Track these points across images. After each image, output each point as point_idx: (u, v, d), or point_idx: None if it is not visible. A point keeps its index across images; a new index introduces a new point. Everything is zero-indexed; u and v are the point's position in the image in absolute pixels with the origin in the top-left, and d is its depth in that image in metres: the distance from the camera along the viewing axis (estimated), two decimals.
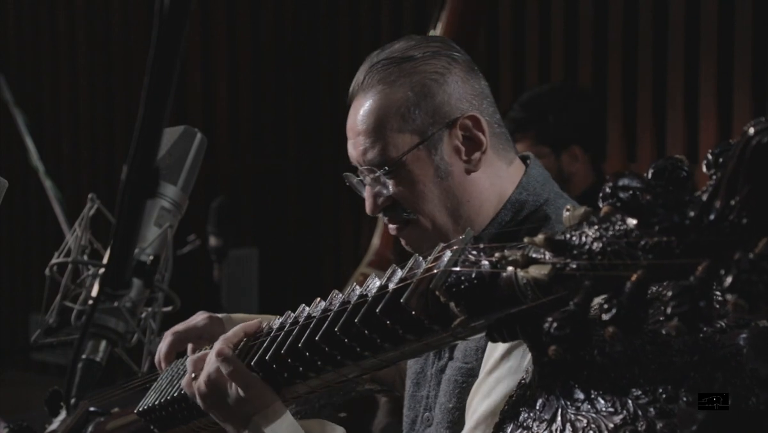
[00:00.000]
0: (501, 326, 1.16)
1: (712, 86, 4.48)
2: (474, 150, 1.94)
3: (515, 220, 1.94)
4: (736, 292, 0.87)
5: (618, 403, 1.09)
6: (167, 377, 1.97)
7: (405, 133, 1.92)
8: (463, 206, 1.93)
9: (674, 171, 1.00)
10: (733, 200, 0.91)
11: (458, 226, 1.93)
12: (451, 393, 1.90)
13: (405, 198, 1.93)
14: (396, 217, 1.96)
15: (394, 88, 1.93)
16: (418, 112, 1.92)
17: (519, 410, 1.20)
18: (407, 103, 1.92)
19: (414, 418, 2.02)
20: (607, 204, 1.00)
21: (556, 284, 1.04)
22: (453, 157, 1.93)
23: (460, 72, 1.96)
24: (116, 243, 1.25)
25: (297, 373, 1.60)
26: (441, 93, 1.93)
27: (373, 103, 1.94)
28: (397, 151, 1.92)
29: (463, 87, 1.95)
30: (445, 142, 1.93)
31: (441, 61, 1.94)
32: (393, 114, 1.92)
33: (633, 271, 0.96)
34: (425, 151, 1.92)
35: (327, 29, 6.02)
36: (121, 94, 6.09)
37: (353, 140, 1.96)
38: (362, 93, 1.96)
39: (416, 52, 1.95)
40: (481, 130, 1.94)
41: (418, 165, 1.92)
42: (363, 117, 1.94)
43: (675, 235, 0.94)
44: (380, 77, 1.94)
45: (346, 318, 1.47)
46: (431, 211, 1.93)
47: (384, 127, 1.92)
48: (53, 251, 1.39)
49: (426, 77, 1.93)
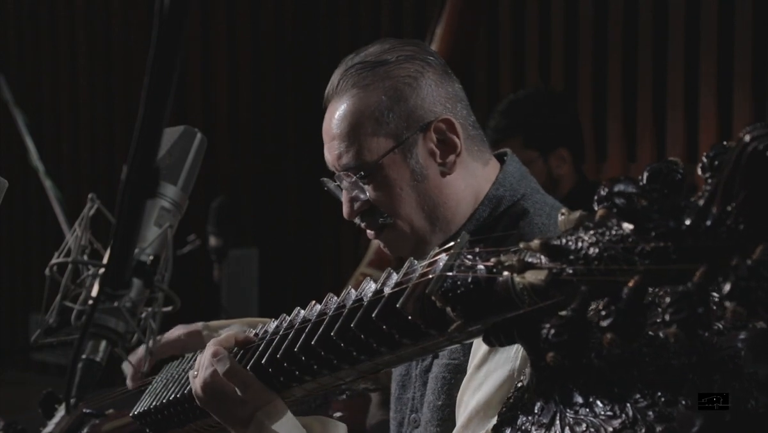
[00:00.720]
0: (498, 330, 1.16)
1: (712, 86, 4.48)
2: (449, 153, 1.94)
3: (493, 215, 1.95)
4: (734, 299, 0.86)
5: (617, 407, 1.09)
6: (162, 380, 1.97)
7: (380, 137, 1.92)
8: (439, 208, 1.94)
9: (669, 174, 1.00)
10: (729, 206, 0.91)
11: (435, 228, 1.94)
12: (439, 391, 1.91)
13: (382, 202, 1.94)
14: (373, 222, 1.97)
15: (368, 92, 1.93)
16: (392, 116, 1.92)
17: (517, 414, 1.19)
18: (381, 107, 1.92)
19: (401, 420, 2.03)
20: (603, 207, 1.00)
21: (553, 289, 1.03)
22: (428, 161, 1.93)
23: (434, 75, 1.96)
24: (116, 243, 1.25)
25: (293, 377, 1.60)
26: (414, 97, 1.93)
27: (347, 108, 1.94)
28: (372, 156, 1.92)
29: (436, 90, 1.95)
30: (420, 145, 1.93)
31: (414, 65, 1.95)
32: (367, 118, 1.93)
33: (630, 276, 0.95)
34: (400, 155, 1.92)
35: (327, 29, 6.02)
36: (121, 94, 6.09)
37: (328, 144, 1.97)
38: (336, 97, 1.96)
39: (390, 56, 1.95)
40: (455, 134, 1.94)
41: (394, 169, 1.92)
42: (337, 121, 1.95)
43: (671, 240, 0.94)
44: (354, 81, 1.94)
45: (342, 322, 1.46)
46: (408, 215, 1.94)
47: (358, 131, 1.93)
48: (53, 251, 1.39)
49: (399, 81, 1.93)
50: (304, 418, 1.73)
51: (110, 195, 1.32)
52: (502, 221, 1.94)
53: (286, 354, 1.59)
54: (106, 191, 5.19)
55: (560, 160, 3.68)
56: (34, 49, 6.38)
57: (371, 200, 1.94)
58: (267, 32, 6.20)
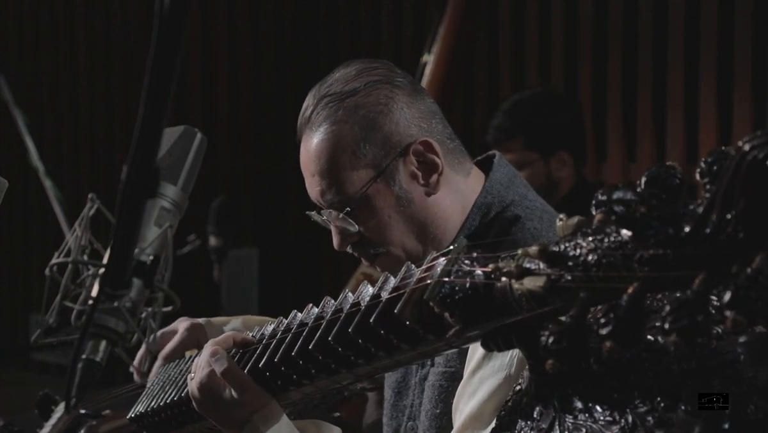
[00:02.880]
0: (496, 336, 1.16)
1: (712, 86, 4.48)
2: (431, 173, 1.93)
3: (483, 223, 1.94)
4: (734, 308, 0.86)
5: (616, 412, 1.09)
6: (159, 382, 1.97)
7: (359, 170, 1.92)
8: (429, 228, 1.93)
9: (667, 179, 1.00)
10: (729, 214, 0.91)
11: (428, 247, 1.93)
12: (437, 399, 1.90)
13: (372, 233, 1.93)
14: (365, 252, 1.96)
15: (341, 126, 1.92)
16: (368, 146, 1.91)
17: (516, 419, 1.19)
18: (356, 139, 1.91)
19: (396, 427, 2.02)
20: (601, 212, 1.00)
21: (552, 295, 1.03)
22: (411, 184, 1.93)
23: (404, 97, 1.94)
24: (116, 243, 1.25)
25: (290, 380, 1.60)
26: (388, 123, 1.92)
27: (321, 144, 1.93)
28: (354, 188, 1.92)
29: (409, 112, 1.93)
30: (401, 170, 1.92)
31: (384, 90, 1.93)
32: (344, 153, 1.92)
33: (629, 283, 0.95)
34: (383, 183, 1.92)
35: (327, 29, 6.02)
36: (121, 94, 6.09)
37: (309, 180, 1.97)
38: (309, 132, 1.95)
39: (357, 84, 1.94)
40: (435, 153, 1.93)
41: (379, 198, 1.92)
42: (315, 158, 1.94)
43: (670, 247, 0.94)
44: (325, 115, 1.93)
45: (339, 327, 1.46)
46: (400, 240, 1.93)
47: (337, 167, 1.92)
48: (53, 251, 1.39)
49: (371, 110, 1.92)
50: (300, 421, 1.73)
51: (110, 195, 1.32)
52: (494, 228, 1.94)
53: (284, 358, 1.59)
54: (106, 191, 5.19)
55: (560, 162, 3.68)
56: (34, 49, 6.38)
57: (362, 232, 1.94)
58: (267, 32, 6.19)
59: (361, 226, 1.93)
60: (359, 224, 1.93)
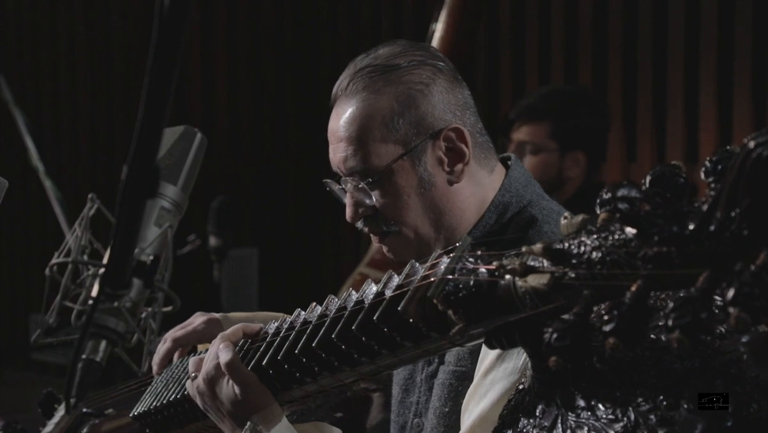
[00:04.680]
0: (500, 334, 1.16)
1: (712, 86, 4.48)
2: (457, 161, 1.93)
3: (500, 222, 1.94)
4: (738, 305, 0.86)
5: (618, 410, 1.09)
6: (162, 380, 1.97)
7: (388, 143, 1.91)
8: (444, 216, 1.93)
9: (672, 178, 1.00)
10: (733, 212, 0.90)
11: (440, 235, 1.93)
12: (446, 397, 1.90)
13: (388, 209, 1.93)
14: (377, 227, 1.96)
15: (379, 97, 1.91)
16: (402, 122, 1.91)
17: (518, 417, 1.19)
18: (391, 112, 1.91)
19: (403, 424, 2.02)
20: (605, 211, 1.00)
21: (555, 293, 1.03)
22: (436, 168, 1.93)
23: (445, 82, 1.94)
24: (116, 243, 1.25)
25: (294, 378, 1.60)
26: (425, 104, 1.92)
27: (356, 111, 1.92)
28: (380, 161, 1.91)
29: (447, 98, 1.93)
30: (429, 153, 1.92)
31: (426, 71, 1.93)
32: (377, 123, 1.91)
33: (633, 281, 0.95)
34: (409, 162, 1.91)
35: (327, 29, 6.02)
36: (121, 94, 6.09)
37: (334, 146, 1.95)
38: (345, 99, 1.94)
39: (401, 61, 1.93)
40: (465, 142, 1.93)
41: (402, 175, 1.91)
42: (345, 124, 1.93)
43: (675, 245, 0.93)
44: (365, 84, 1.92)
45: (343, 325, 1.46)
46: (414, 222, 1.93)
47: (367, 135, 1.91)
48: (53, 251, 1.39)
49: (411, 87, 1.92)
50: (301, 425, 1.73)
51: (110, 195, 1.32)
52: (510, 228, 1.93)
53: (287, 356, 1.58)
54: (106, 191, 5.18)
55: (574, 161, 3.68)
56: (34, 49, 6.38)
57: (377, 206, 1.93)
58: (267, 32, 6.19)
59: (378, 200, 1.92)
60: (377, 198, 1.92)
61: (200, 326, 2.06)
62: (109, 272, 1.27)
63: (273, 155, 6.18)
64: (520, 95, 4.46)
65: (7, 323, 6.48)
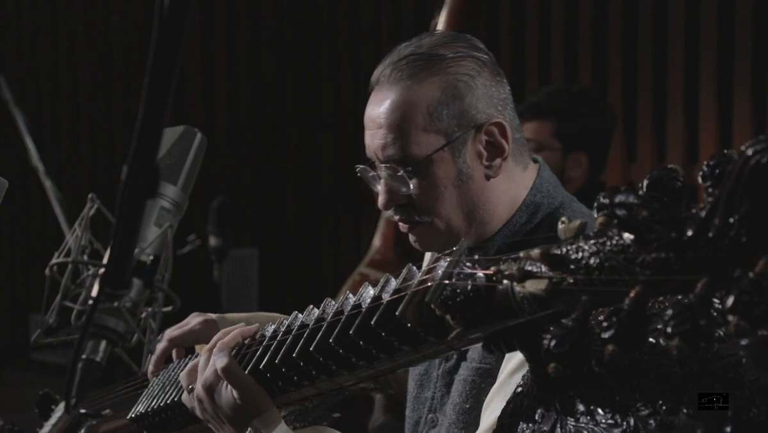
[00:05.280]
0: (498, 338, 1.15)
1: (712, 86, 4.48)
2: (496, 156, 1.92)
3: (531, 222, 1.93)
4: (737, 313, 0.86)
5: (618, 415, 1.08)
6: (159, 382, 1.97)
7: (430, 133, 1.89)
8: (478, 210, 1.92)
9: (670, 182, 0.99)
10: (732, 218, 0.90)
11: (471, 229, 1.92)
12: (467, 394, 1.89)
13: (423, 199, 1.91)
14: (409, 216, 1.93)
15: (424, 86, 1.90)
16: (446, 113, 1.89)
17: (517, 421, 1.19)
18: (436, 102, 1.89)
19: (417, 419, 2.01)
20: (603, 215, 1.00)
21: (554, 298, 1.03)
22: (475, 162, 1.91)
23: (489, 76, 1.94)
24: (116, 243, 1.25)
25: (291, 382, 1.60)
26: (470, 96, 1.90)
27: (399, 98, 1.90)
28: (420, 150, 1.89)
29: (490, 91, 1.93)
30: (469, 146, 1.91)
31: (472, 63, 1.92)
32: (421, 112, 1.89)
33: (631, 287, 0.95)
34: (449, 154, 1.90)
35: (327, 29, 6.02)
36: (121, 94, 6.09)
37: (373, 132, 1.93)
38: (388, 86, 1.92)
39: (447, 51, 1.92)
40: (505, 137, 1.92)
41: (442, 167, 1.90)
42: (388, 110, 1.90)
43: (673, 251, 0.93)
44: (410, 72, 1.90)
45: (340, 329, 1.46)
46: (447, 214, 1.91)
47: (409, 123, 1.89)
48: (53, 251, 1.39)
49: (457, 78, 1.90)
50: (302, 430, 1.73)
51: (110, 195, 1.31)
52: (541, 229, 1.93)
53: (285, 360, 1.58)
54: (106, 191, 5.18)
55: (576, 162, 3.67)
56: (34, 49, 6.38)
57: (413, 195, 1.91)
58: (267, 32, 6.19)
59: (414, 189, 1.90)
60: (414, 187, 1.90)
61: (197, 326, 2.06)
62: (109, 272, 1.27)
63: (273, 155, 6.18)
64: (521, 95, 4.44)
65: (7, 323, 6.48)
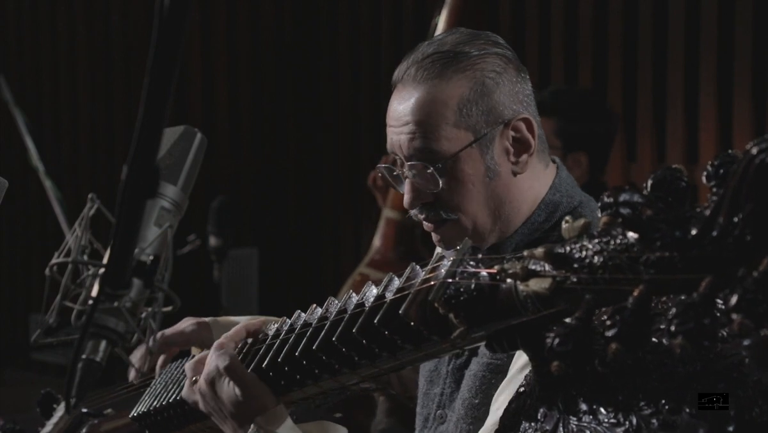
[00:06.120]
0: (501, 337, 1.15)
1: (712, 86, 4.48)
2: (522, 152, 1.92)
3: (549, 221, 1.93)
4: (741, 312, 0.86)
5: (621, 414, 1.08)
6: (162, 381, 1.97)
7: (459, 130, 1.89)
8: (504, 207, 1.92)
9: (674, 182, 0.99)
10: (736, 217, 0.90)
11: (496, 226, 1.92)
12: (477, 389, 1.88)
13: (450, 196, 1.90)
14: (435, 215, 1.92)
15: (452, 83, 1.89)
16: (475, 109, 1.89)
17: (519, 420, 1.19)
18: (465, 99, 1.89)
19: (427, 415, 2.01)
20: (607, 215, 0.99)
21: (557, 297, 1.03)
22: (502, 158, 1.91)
23: (514, 72, 1.94)
24: (116, 243, 1.25)
25: (294, 381, 1.60)
26: (498, 92, 1.90)
27: (428, 96, 1.89)
28: (448, 147, 1.88)
29: (516, 87, 1.93)
30: (497, 142, 1.90)
31: (498, 60, 1.92)
32: (450, 109, 1.88)
33: (635, 285, 0.95)
34: (478, 150, 1.89)
35: (327, 29, 6.02)
36: (121, 94, 6.08)
37: (398, 129, 1.91)
38: (413, 84, 1.91)
39: (471, 49, 1.91)
40: (532, 133, 1.92)
41: (470, 164, 1.89)
42: (415, 108, 1.89)
43: (677, 250, 0.93)
44: (437, 70, 1.90)
45: (343, 328, 1.46)
46: (474, 212, 1.91)
47: (439, 120, 1.88)
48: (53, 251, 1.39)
49: (485, 75, 1.90)
50: (305, 424, 1.73)
51: (110, 195, 1.31)
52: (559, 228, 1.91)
53: (287, 358, 1.58)
54: (106, 191, 5.18)
55: (576, 162, 3.67)
56: (34, 49, 6.38)
57: (441, 193, 1.90)
58: (267, 32, 6.19)
59: (443, 187, 1.89)
60: (442, 185, 1.89)
61: (188, 328, 2.08)
62: (109, 272, 1.27)
63: (273, 155, 6.18)
64: None
65: (7, 323, 6.48)
